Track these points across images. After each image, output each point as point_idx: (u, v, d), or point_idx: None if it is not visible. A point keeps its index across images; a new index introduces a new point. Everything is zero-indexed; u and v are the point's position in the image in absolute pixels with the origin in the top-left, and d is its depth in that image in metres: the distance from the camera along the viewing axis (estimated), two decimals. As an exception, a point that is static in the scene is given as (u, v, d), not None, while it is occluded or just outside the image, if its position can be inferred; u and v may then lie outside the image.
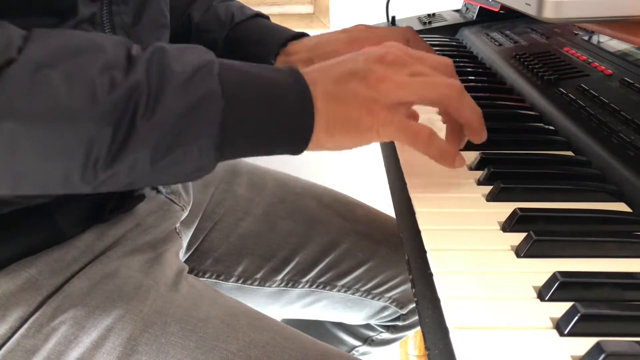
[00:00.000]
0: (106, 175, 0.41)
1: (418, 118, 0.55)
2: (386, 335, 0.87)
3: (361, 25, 0.70)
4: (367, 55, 0.48)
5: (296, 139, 0.46)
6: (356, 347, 0.89)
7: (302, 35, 0.72)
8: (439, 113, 0.59)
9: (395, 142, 0.62)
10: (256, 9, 0.79)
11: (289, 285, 0.76)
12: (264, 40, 0.71)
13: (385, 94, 0.46)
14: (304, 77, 0.46)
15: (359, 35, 0.68)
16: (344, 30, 0.69)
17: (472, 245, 0.43)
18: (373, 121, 0.46)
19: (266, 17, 0.77)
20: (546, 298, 0.37)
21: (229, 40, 0.73)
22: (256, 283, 0.75)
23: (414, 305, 0.66)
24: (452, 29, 1.09)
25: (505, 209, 0.46)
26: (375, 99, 0.46)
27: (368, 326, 0.87)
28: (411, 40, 0.68)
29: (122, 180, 0.42)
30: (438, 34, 1.08)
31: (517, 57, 0.82)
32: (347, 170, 1.87)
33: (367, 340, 0.88)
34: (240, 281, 0.75)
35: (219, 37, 0.73)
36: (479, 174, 0.53)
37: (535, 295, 0.38)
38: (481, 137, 0.51)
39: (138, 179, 0.42)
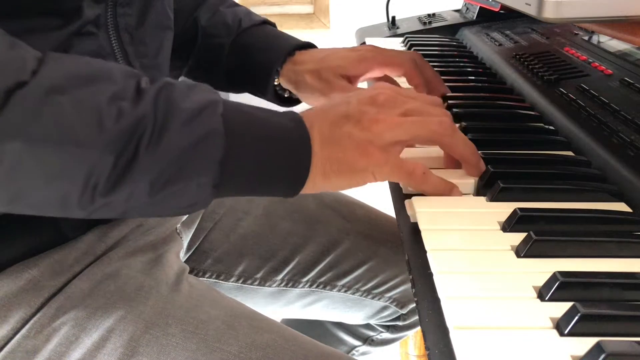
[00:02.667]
0: (103, 202, 0.41)
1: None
2: (386, 335, 0.87)
3: (370, 45, 0.72)
4: (359, 98, 0.50)
5: (292, 182, 0.47)
6: (356, 347, 0.89)
7: (309, 44, 0.73)
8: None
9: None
10: (256, 9, 0.79)
11: (289, 285, 0.76)
12: (271, 47, 0.71)
13: (379, 135, 0.47)
14: (304, 122, 0.47)
15: (367, 55, 0.69)
16: (354, 49, 0.70)
17: (472, 245, 0.43)
18: (368, 162, 0.47)
19: (273, 25, 0.77)
20: (546, 298, 0.37)
21: (236, 45, 0.73)
22: (256, 283, 0.75)
23: (414, 305, 0.66)
24: (452, 29, 1.09)
25: (505, 209, 0.46)
26: (369, 140, 0.47)
27: (368, 326, 0.87)
28: (419, 63, 0.69)
29: (117, 208, 0.43)
30: (438, 34, 1.08)
31: (517, 57, 0.82)
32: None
33: (367, 340, 0.88)
34: (241, 281, 0.75)
35: (226, 42, 0.73)
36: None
37: (535, 295, 0.38)
38: (477, 170, 0.52)
39: (133, 209, 0.43)
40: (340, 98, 0.51)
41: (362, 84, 0.74)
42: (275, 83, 0.72)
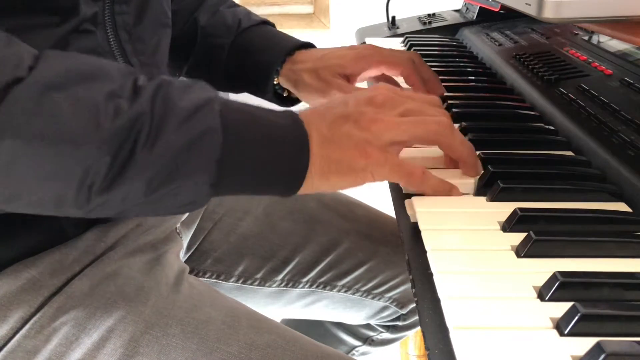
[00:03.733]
0: (99, 202, 0.41)
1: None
2: (386, 335, 0.87)
3: (368, 44, 0.72)
4: (357, 98, 0.50)
5: (290, 181, 0.47)
6: (356, 347, 0.89)
7: (309, 44, 0.73)
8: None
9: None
10: (256, 9, 0.79)
11: (289, 285, 0.76)
12: (271, 47, 0.71)
13: (378, 135, 0.47)
14: (302, 122, 0.47)
15: (365, 54, 0.69)
16: (352, 48, 0.71)
17: (472, 245, 0.43)
18: (367, 162, 0.47)
19: (272, 25, 0.77)
20: (546, 298, 0.37)
21: (236, 46, 0.73)
22: (256, 283, 0.75)
23: (414, 305, 0.66)
24: (452, 29, 1.09)
25: (505, 209, 0.46)
26: (368, 140, 0.47)
27: (368, 326, 0.87)
28: (416, 62, 0.69)
29: (114, 207, 0.42)
30: (438, 34, 1.08)
31: (517, 57, 0.82)
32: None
33: (367, 340, 0.88)
34: (241, 281, 0.75)
35: (226, 42, 0.73)
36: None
37: (535, 295, 0.38)
38: (475, 171, 0.52)
39: (130, 208, 0.43)
40: (339, 98, 0.51)
41: (362, 84, 0.75)
42: (275, 82, 0.73)
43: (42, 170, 0.39)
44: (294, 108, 0.74)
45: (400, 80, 0.73)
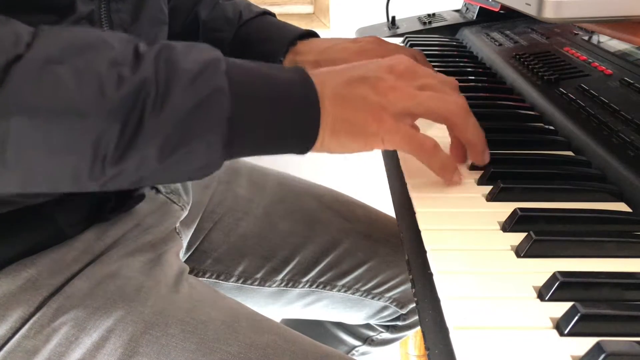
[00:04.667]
0: (114, 172, 0.41)
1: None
2: (386, 335, 0.87)
3: (372, 37, 0.71)
4: (378, 64, 0.49)
5: (302, 138, 0.46)
6: (356, 347, 0.89)
7: (311, 33, 0.72)
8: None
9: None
10: (256, 9, 0.79)
11: (289, 285, 0.76)
12: (273, 38, 0.71)
13: (394, 102, 0.47)
14: (310, 77, 0.46)
15: (368, 47, 0.69)
16: (355, 40, 0.70)
17: (472, 245, 0.43)
18: (379, 128, 0.46)
19: (273, 15, 0.77)
20: (546, 298, 0.37)
21: (238, 38, 0.73)
22: (256, 283, 0.75)
23: (414, 305, 0.66)
24: (452, 29, 1.09)
25: (505, 209, 0.46)
26: (383, 106, 0.46)
27: (368, 326, 0.87)
28: (419, 60, 0.69)
29: (130, 177, 0.42)
30: (438, 34, 1.08)
31: (517, 57, 0.82)
32: (347, 170, 1.86)
33: (367, 340, 0.88)
34: (241, 281, 0.75)
35: (228, 36, 0.73)
36: (479, 173, 0.53)
37: (535, 295, 0.38)
38: (483, 158, 0.52)
39: (146, 176, 0.42)
40: (357, 62, 0.50)
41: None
42: None
43: (53, 145, 0.39)
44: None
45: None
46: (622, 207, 0.48)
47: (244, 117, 0.43)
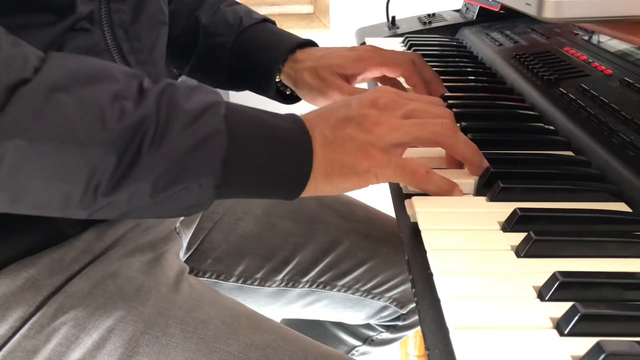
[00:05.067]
0: (104, 203, 0.41)
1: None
2: (386, 335, 0.87)
3: (369, 45, 0.72)
4: (360, 101, 0.50)
5: (293, 183, 0.47)
6: (356, 347, 0.89)
7: (310, 42, 0.73)
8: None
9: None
10: (256, 9, 0.79)
11: (289, 285, 0.76)
12: (273, 46, 0.72)
13: (380, 137, 0.47)
14: (305, 124, 0.47)
15: (365, 55, 0.69)
16: (352, 49, 0.71)
17: (472, 245, 0.43)
18: (370, 164, 0.47)
19: (273, 22, 0.77)
20: (546, 298, 0.37)
21: (237, 44, 0.73)
22: (256, 283, 0.75)
23: (414, 305, 0.66)
24: (452, 29, 1.09)
25: (505, 209, 0.46)
26: (370, 142, 0.47)
27: (368, 326, 0.87)
28: (417, 63, 0.69)
29: (119, 208, 0.43)
30: (438, 34, 1.08)
31: (517, 57, 0.82)
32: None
33: (367, 340, 0.88)
34: (240, 281, 0.75)
35: (228, 41, 0.74)
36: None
37: (535, 295, 0.38)
38: (480, 169, 0.52)
39: (135, 209, 0.43)
40: (342, 101, 0.51)
41: (363, 85, 0.75)
42: (277, 80, 0.73)
43: (48, 171, 0.39)
44: (296, 106, 0.74)
45: (401, 80, 0.73)
46: (622, 207, 0.48)
47: (239, 161, 0.44)
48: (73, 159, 0.39)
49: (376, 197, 0.91)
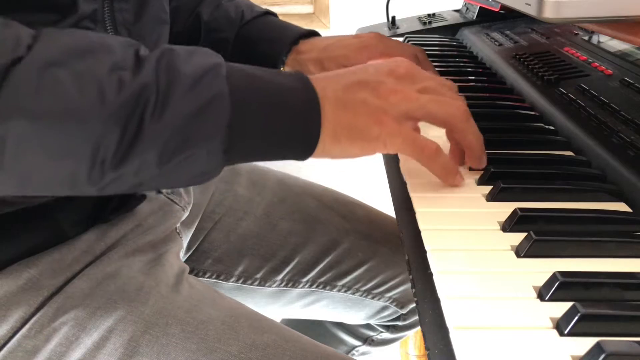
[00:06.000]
0: (113, 177, 0.41)
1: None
2: (386, 335, 0.87)
3: (374, 33, 0.71)
4: (378, 67, 0.49)
5: (303, 143, 0.46)
6: (356, 347, 0.89)
7: (312, 33, 0.73)
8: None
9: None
10: (257, 8, 0.79)
11: (289, 285, 0.76)
12: (276, 38, 0.71)
13: (395, 105, 0.46)
14: (311, 83, 0.46)
15: (370, 43, 0.69)
16: (356, 36, 0.71)
17: (472, 245, 0.43)
18: (381, 131, 0.46)
19: (275, 15, 0.77)
20: (546, 298, 0.37)
21: (240, 38, 0.73)
22: (256, 283, 0.75)
23: (414, 305, 0.66)
24: (452, 29, 1.09)
25: (505, 209, 0.46)
26: (384, 109, 0.46)
27: (368, 326, 0.87)
28: (420, 59, 0.69)
29: (128, 181, 0.42)
30: (438, 34, 1.08)
31: (517, 57, 0.82)
32: (347, 170, 1.87)
33: (367, 340, 0.88)
34: (241, 281, 0.75)
35: (230, 36, 0.73)
36: (479, 173, 0.53)
37: (535, 295, 0.38)
38: (481, 162, 0.52)
39: (145, 181, 0.42)
40: (357, 66, 0.50)
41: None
42: None
43: (52, 149, 0.38)
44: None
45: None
46: (622, 207, 0.49)
47: (244, 123, 0.43)
48: (75, 135, 0.38)
49: (376, 197, 0.91)
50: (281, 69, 0.72)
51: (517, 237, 0.43)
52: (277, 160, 0.47)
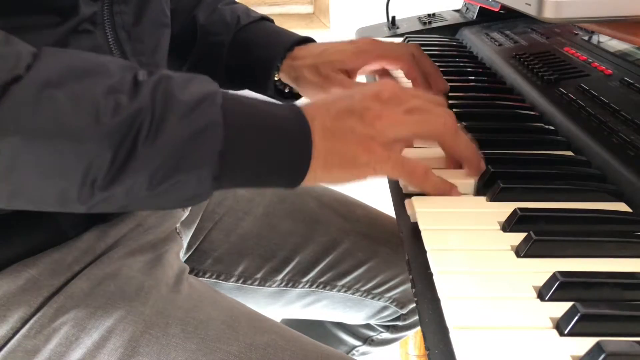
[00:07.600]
0: (102, 197, 0.41)
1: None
2: (386, 335, 0.87)
3: (368, 38, 0.72)
4: (363, 93, 0.50)
5: (293, 173, 0.46)
6: (356, 347, 0.89)
7: (308, 39, 0.73)
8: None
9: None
10: (256, 9, 0.79)
11: (289, 285, 0.76)
12: (271, 43, 0.72)
13: (382, 131, 0.47)
14: (304, 114, 0.47)
15: (365, 48, 0.69)
16: (351, 42, 0.71)
17: (472, 245, 0.43)
18: (370, 158, 0.47)
19: (271, 21, 0.77)
20: (546, 298, 0.37)
21: (235, 43, 0.73)
22: (256, 283, 0.75)
23: (414, 305, 0.66)
24: (452, 29, 1.09)
25: (505, 209, 0.46)
26: (371, 136, 0.47)
27: (368, 326, 0.87)
28: (417, 56, 0.69)
29: (117, 202, 0.42)
30: (438, 34, 1.08)
31: (517, 57, 0.82)
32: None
33: (367, 340, 0.88)
34: (241, 281, 0.75)
35: (225, 40, 0.73)
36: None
37: (535, 295, 0.38)
38: (478, 170, 0.52)
39: (133, 202, 0.43)
40: (344, 92, 0.51)
41: (361, 78, 0.75)
42: (276, 79, 0.73)
43: (44, 167, 0.39)
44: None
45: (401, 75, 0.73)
46: (622, 207, 0.49)
47: (236, 152, 0.44)
48: (68, 155, 0.39)
49: (376, 197, 0.91)
50: (276, 74, 0.72)
51: (517, 237, 0.43)
52: (266, 187, 0.48)
